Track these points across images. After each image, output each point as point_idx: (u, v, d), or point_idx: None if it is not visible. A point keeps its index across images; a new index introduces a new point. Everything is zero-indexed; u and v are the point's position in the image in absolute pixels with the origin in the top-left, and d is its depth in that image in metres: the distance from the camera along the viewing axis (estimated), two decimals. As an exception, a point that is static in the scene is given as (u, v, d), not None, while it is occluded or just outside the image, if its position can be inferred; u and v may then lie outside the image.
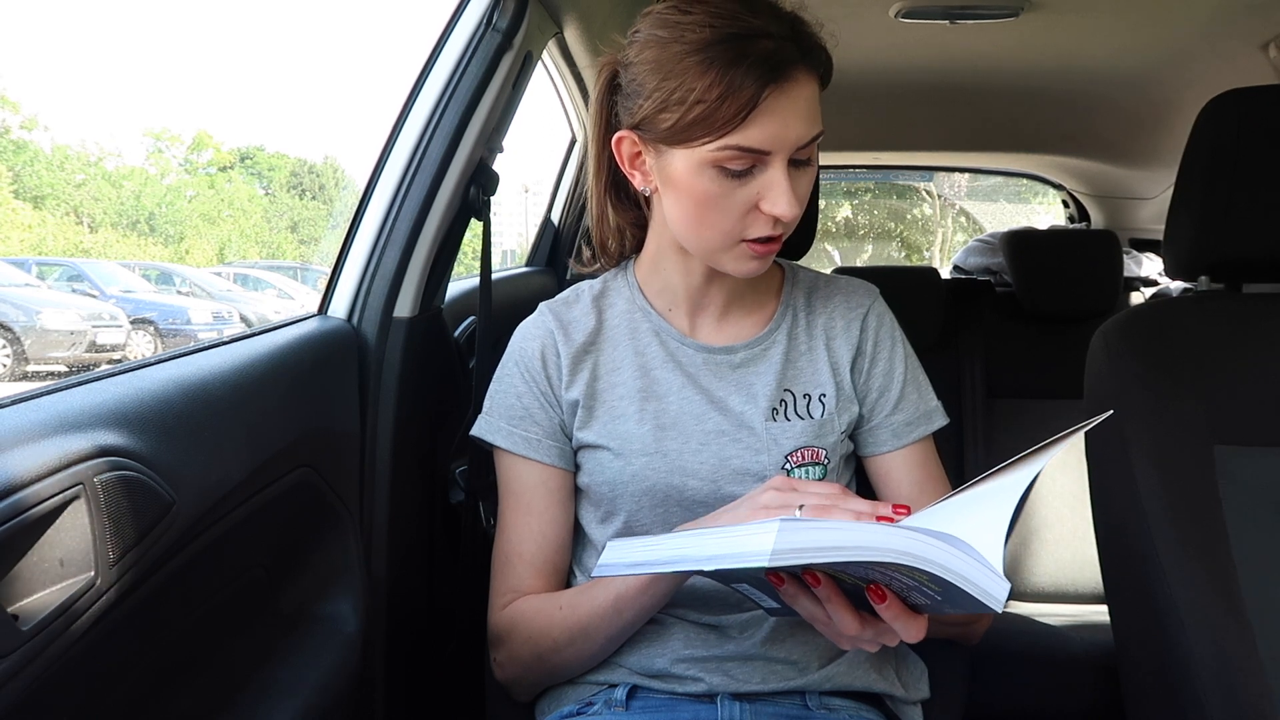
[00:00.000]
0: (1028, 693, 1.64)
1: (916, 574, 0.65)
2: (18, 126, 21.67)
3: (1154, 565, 0.99)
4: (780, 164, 0.85)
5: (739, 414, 0.97)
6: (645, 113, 0.88)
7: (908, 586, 0.69)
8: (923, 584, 0.67)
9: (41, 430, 0.67)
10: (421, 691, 1.21)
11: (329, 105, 55.34)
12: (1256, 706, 0.91)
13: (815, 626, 0.79)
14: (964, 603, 0.66)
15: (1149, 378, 1.04)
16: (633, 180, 0.95)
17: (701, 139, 0.84)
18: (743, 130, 0.83)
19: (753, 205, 0.87)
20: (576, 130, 1.94)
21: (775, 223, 0.88)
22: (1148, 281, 2.49)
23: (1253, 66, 1.69)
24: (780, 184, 0.85)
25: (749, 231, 0.89)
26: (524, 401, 1.00)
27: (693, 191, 0.88)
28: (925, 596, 0.70)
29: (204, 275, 14.35)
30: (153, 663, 0.80)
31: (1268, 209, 1.05)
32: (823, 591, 0.74)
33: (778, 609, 0.83)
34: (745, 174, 0.86)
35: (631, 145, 0.92)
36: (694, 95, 0.83)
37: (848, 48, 0.94)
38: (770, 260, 0.93)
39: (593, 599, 0.92)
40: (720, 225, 0.89)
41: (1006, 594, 0.65)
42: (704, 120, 0.83)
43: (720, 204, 0.87)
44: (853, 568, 0.69)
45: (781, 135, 0.84)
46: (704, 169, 0.86)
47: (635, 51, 0.89)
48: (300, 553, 1.01)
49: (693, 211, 0.89)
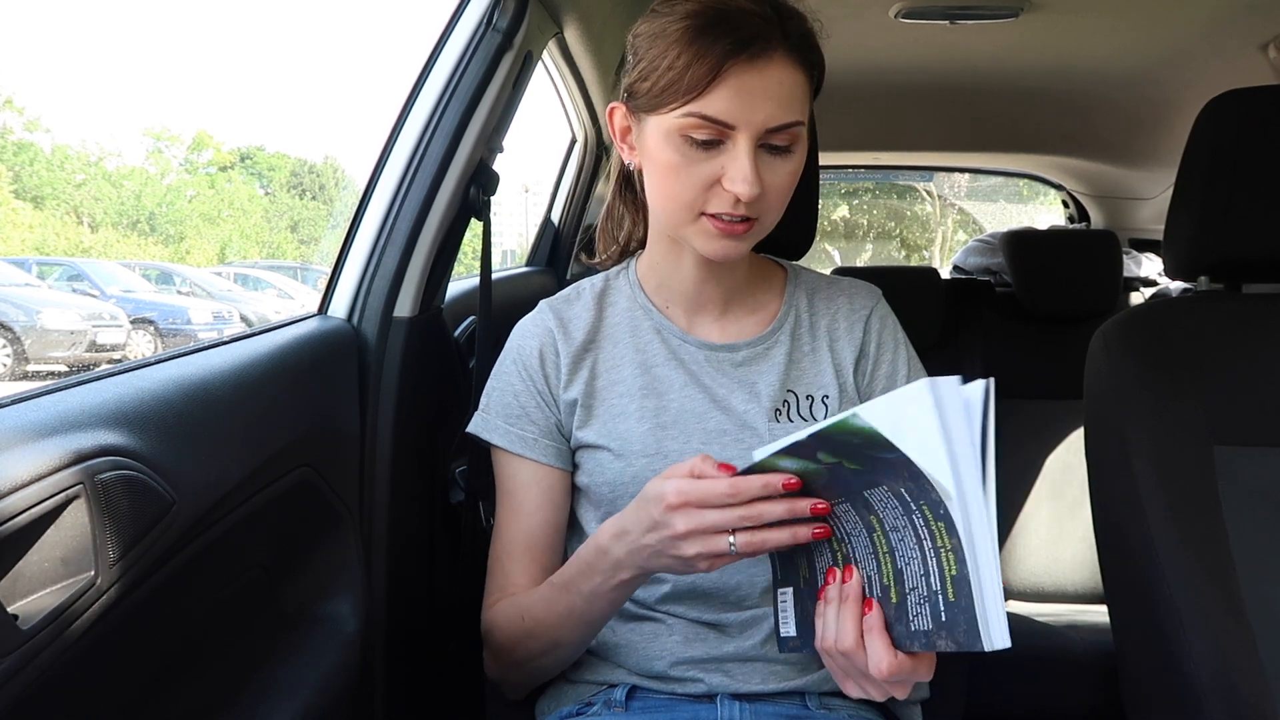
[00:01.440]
0: (1027, 693, 1.64)
1: (947, 557, 0.65)
2: (20, 127, 21.69)
3: (1154, 565, 0.99)
4: (745, 141, 0.85)
5: (741, 414, 0.97)
6: (631, 80, 0.90)
7: (920, 595, 0.69)
8: (939, 590, 0.66)
9: (42, 430, 0.67)
10: (421, 691, 1.21)
11: (329, 105, 55.35)
12: (1256, 707, 0.91)
13: (830, 661, 0.77)
14: (962, 632, 0.66)
15: (1149, 378, 1.04)
16: (623, 155, 0.96)
17: (670, 105, 0.85)
18: (705, 98, 0.84)
19: (715, 180, 0.87)
20: (576, 130, 1.94)
21: (736, 201, 0.87)
22: (1147, 281, 2.49)
23: (1253, 66, 1.69)
24: (741, 162, 0.85)
25: (710, 205, 0.88)
26: (521, 400, 1.00)
27: (659, 159, 0.88)
28: (922, 622, 0.69)
29: (204, 275, 14.35)
30: (153, 663, 0.80)
31: (1268, 209, 1.05)
32: (871, 620, 0.72)
33: (794, 640, 0.81)
34: (711, 147, 0.86)
35: (623, 118, 0.94)
36: (666, 62, 0.85)
37: (848, 48, 0.94)
38: (742, 245, 0.91)
39: (548, 602, 0.92)
40: (682, 196, 0.89)
41: (1002, 636, 0.64)
42: (671, 86, 0.85)
43: (683, 174, 0.87)
44: (903, 535, 0.68)
45: (747, 111, 0.84)
46: (671, 137, 0.87)
47: (638, 26, 0.91)
48: (300, 552, 1.01)
49: (659, 180, 0.90)
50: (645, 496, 0.79)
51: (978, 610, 0.64)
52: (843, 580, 0.74)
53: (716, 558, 0.76)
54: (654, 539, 0.78)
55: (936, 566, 0.67)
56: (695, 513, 0.74)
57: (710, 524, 0.74)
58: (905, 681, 0.74)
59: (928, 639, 0.69)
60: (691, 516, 0.74)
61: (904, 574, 0.70)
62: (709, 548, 0.75)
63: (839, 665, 0.76)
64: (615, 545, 0.83)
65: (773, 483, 0.73)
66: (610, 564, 0.84)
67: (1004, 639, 0.64)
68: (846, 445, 0.68)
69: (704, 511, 0.74)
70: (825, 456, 0.70)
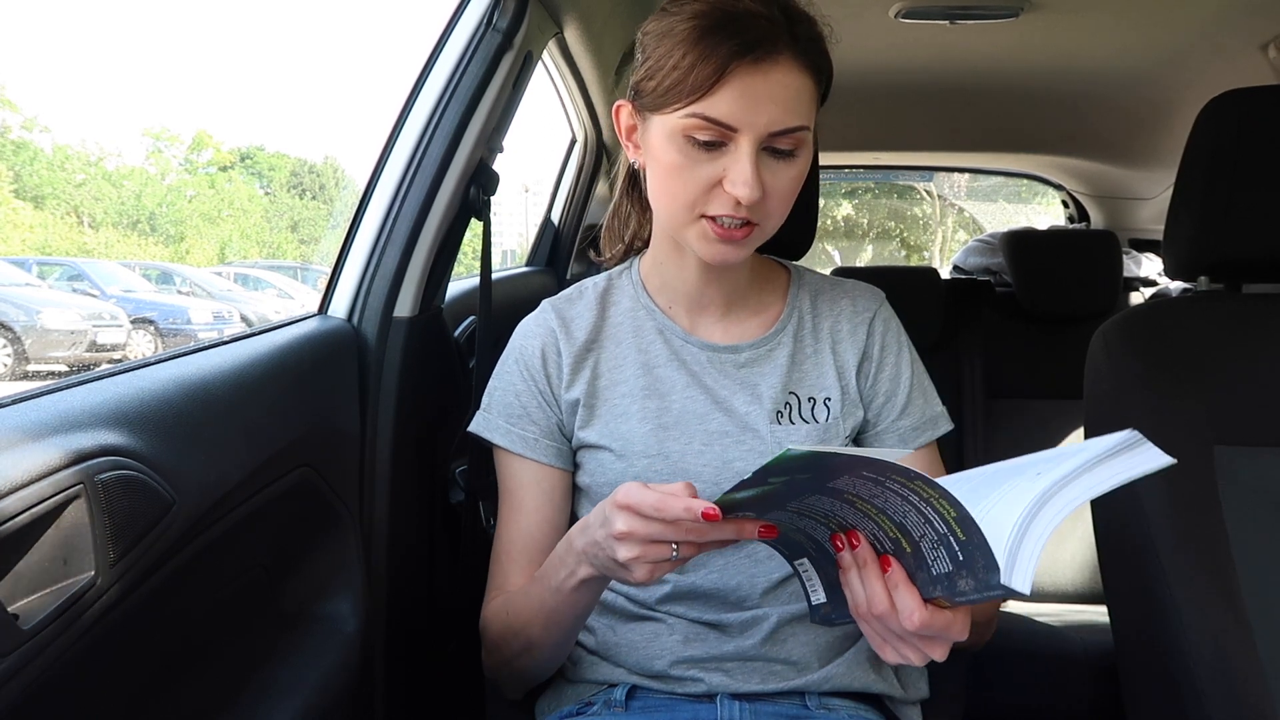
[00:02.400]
0: (1027, 693, 1.64)
1: (940, 504, 0.64)
2: (18, 126, 21.68)
3: (1154, 565, 0.99)
4: (748, 144, 0.84)
5: (743, 415, 0.97)
6: (638, 78, 0.90)
7: (932, 540, 0.68)
8: (947, 532, 0.66)
9: (42, 430, 0.67)
10: (421, 691, 1.21)
11: (329, 105, 55.34)
12: (1256, 706, 0.91)
13: (867, 628, 0.75)
14: (980, 567, 0.64)
15: (1149, 378, 1.04)
16: (628, 153, 0.96)
17: (674, 105, 0.85)
18: (709, 99, 0.83)
19: (716, 182, 0.87)
20: (576, 130, 1.94)
21: (736, 204, 0.86)
22: (1147, 281, 2.49)
23: (1253, 66, 1.69)
24: (743, 165, 0.84)
25: (710, 207, 0.88)
26: (522, 400, 1.00)
27: (662, 159, 0.88)
28: (941, 565, 0.68)
29: (204, 275, 14.34)
30: (153, 662, 0.80)
31: (1268, 209, 1.04)
32: (893, 575, 0.71)
33: (825, 606, 0.80)
34: (714, 149, 0.86)
35: (629, 116, 0.94)
36: (671, 61, 0.85)
37: (848, 48, 0.94)
38: (740, 250, 0.91)
39: (526, 596, 0.93)
40: (682, 196, 0.88)
41: (1024, 580, 0.62)
42: (676, 86, 0.84)
43: (684, 174, 0.87)
44: (887, 499, 0.68)
45: (750, 113, 0.83)
46: (674, 137, 0.86)
47: (647, 24, 0.91)
48: (300, 552, 1.01)
49: (661, 180, 0.90)
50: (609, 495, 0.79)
51: (992, 545, 0.63)
52: (851, 546, 0.73)
53: (656, 565, 0.75)
54: (601, 534, 0.77)
55: (934, 513, 0.66)
56: (633, 517, 0.74)
57: (647, 533, 0.73)
58: (942, 640, 0.71)
59: (950, 582, 0.68)
60: (630, 519, 0.74)
61: (906, 526, 0.69)
62: (647, 554, 0.74)
63: (876, 631, 0.74)
64: (579, 538, 0.83)
65: (694, 508, 0.71)
66: (574, 557, 0.84)
67: (1025, 583, 0.62)
68: (790, 469, 0.68)
69: (644, 520, 0.73)
70: (775, 479, 0.70)
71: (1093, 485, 0.65)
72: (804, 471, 0.69)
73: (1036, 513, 0.63)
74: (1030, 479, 0.66)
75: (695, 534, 0.73)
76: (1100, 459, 0.66)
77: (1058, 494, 0.64)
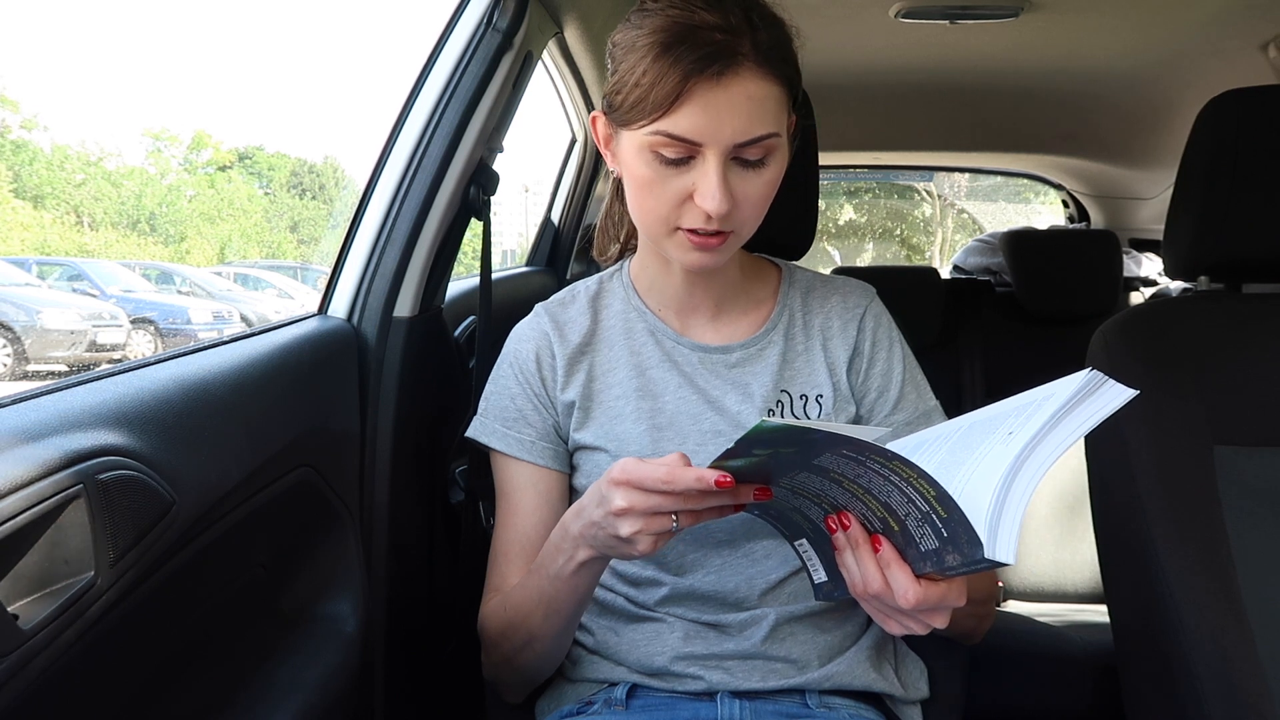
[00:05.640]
0: (1027, 692, 1.64)
1: (919, 484, 0.65)
2: (18, 126, 21.68)
3: (1154, 565, 0.99)
4: (714, 158, 0.84)
5: (735, 414, 0.97)
6: (608, 90, 0.90)
7: (916, 518, 0.68)
8: (929, 510, 0.66)
9: (42, 430, 0.67)
10: (421, 691, 1.21)
11: (329, 105, 55.33)
12: (1256, 706, 0.91)
13: (867, 605, 0.76)
14: (964, 542, 0.65)
15: (1148, 378, 1.04)
16: (607, 162, 0.96)
17: (639, 122, 0.85)
18: (670, 117, 0.83)
19: (687, 195, 0.86)
20: (576, 130, 1.94)
21: (708, 217, 0.86)
22: (1147, 281, 2.49)
23: (1253, 66, 1.69)
24: (710, 178, 0.84)
25: (684, 220, 0.88)
26: (518, 404, 1.00)
27: (634, 174, 0.88)
28: (928, 541, 0.68)
29: (204, 275, 14.33)
30: (153, 662, 0.81)
31: (1268, 209, 1.05)
32: (885, 555, 0.72)
33: (827, 584, 0.82)
34: (682, 163, 0.85)
35: (604, 126, 0.93)
36: (633, 78, 0.84)
37: (848, 48, 0.94)
38: (718, 256, 0.91)
39: (524, 588, 0.93)
40: (656, 210, 0.88)
41: (1007, 551, 0.62)
42: (639, 104, 0.84)
43: (655, 189, 0.87)
44: (870, 479, 0.68)
45: (713, 128, 0.83)
46: (643, 152, 0.86)
47: (615, 34, 0.91)
48: (300, 552, 1.01)
49: (635, 194, 0.90)
50: (602, 476, 0.80)
51: (972, 520, 0.64)
52: (843, 527, 0.74)
53: (658, 536, 0.77)
54: (599, 514, 0.78)
55: (915, 493, 0.67)
56: (633, 491, 0.75)
57: (648, 506, 0.75)
58: (941, 610, 0.72)
59: (939, 558, 0.69)
60: (630, 494, 0.75)
61: (891, 505, 0.70)
62: (649, 526, 0.76)
63: (876, 608, 0.76)
64: (574, 522, 0.84)
65: (705, 478, 0.73)
66: (570, 541, 0.85)
67: (1009, 553, 0.62)
68: (772, 441, 0.70)
69: (645, 494, 0.75)
70: (760, 451, 0.71)
71: (1063, 439, 0.66)
72: (788, 446, 0.70)
73: (1012, 481, 0.64)
74: (1003, 440, 0.67)
75: (695, 502, 0.75)
76: (1067, 407, 0.67)
77: (1030, 456, 0.65)
